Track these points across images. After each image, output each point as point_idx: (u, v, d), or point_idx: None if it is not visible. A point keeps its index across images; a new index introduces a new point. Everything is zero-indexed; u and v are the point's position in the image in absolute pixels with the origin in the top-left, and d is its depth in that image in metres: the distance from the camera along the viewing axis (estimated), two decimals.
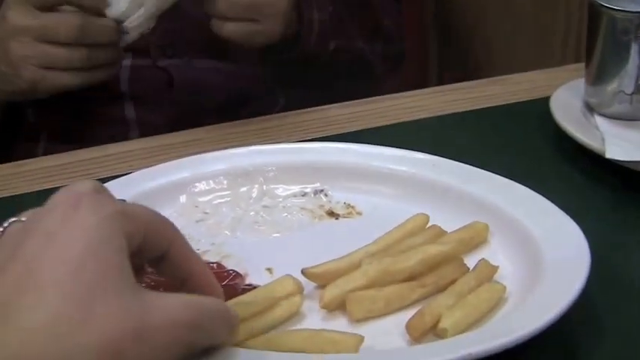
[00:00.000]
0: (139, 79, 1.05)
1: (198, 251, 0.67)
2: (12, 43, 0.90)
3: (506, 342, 0.56)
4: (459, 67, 1.50)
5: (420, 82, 1.30)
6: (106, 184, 0.72)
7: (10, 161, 0.90)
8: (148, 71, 1.05)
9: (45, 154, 0.99)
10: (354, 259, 0.65)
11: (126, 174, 0.77)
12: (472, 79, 1.04)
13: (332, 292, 0.62)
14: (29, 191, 0.83)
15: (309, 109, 0.97)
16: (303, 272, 0.64)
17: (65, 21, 0.89)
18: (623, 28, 0.84)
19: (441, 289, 0.63)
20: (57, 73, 0.91)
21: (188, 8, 0.96)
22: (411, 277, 0.64)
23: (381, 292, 0.62)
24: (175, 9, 0.90)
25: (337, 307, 0.62)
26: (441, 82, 1.10)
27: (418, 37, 1.49)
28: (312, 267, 0.64)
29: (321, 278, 0.64)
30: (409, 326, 0.60)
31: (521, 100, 0.98)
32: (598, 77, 0.88)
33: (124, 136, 1.02)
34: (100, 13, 0.89)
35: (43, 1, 0.89)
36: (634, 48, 0.84)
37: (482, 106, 0.97)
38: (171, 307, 0.48)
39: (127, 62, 1.04)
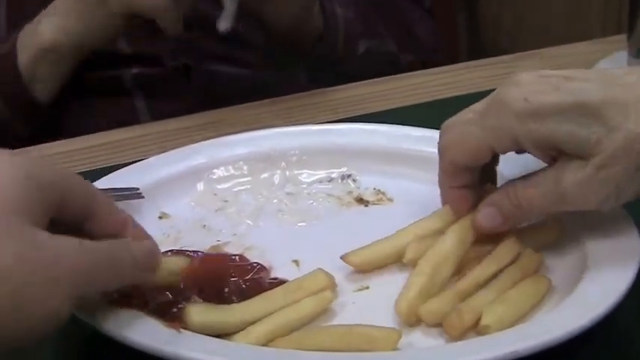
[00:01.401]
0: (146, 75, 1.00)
1: (218, 243, 0.66)
2: None
3: (555, 338, 0.52)
4: (490, 43, 1.47)
5: (450, 54, 1.26)
6: (119, 171, 0.71)
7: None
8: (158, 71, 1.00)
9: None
10: (398, 243, 0.62)
11: (139, 160, 0.75)
12: (505, 54, 1.02)
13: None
14: None
15: (334, 88, 0.95)
16: (342, 258, 0.62)
17: None
18: None
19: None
20: None
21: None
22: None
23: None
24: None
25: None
26: (471, 57, 1.07)
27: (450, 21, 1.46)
28: (352, 252, 0.62)
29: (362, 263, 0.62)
30: (446, 325, 0.57)
31: None
32: None
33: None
34: None
35: None
36: None
37: None
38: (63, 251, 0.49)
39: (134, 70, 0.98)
